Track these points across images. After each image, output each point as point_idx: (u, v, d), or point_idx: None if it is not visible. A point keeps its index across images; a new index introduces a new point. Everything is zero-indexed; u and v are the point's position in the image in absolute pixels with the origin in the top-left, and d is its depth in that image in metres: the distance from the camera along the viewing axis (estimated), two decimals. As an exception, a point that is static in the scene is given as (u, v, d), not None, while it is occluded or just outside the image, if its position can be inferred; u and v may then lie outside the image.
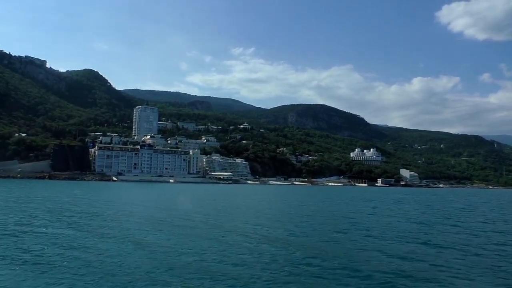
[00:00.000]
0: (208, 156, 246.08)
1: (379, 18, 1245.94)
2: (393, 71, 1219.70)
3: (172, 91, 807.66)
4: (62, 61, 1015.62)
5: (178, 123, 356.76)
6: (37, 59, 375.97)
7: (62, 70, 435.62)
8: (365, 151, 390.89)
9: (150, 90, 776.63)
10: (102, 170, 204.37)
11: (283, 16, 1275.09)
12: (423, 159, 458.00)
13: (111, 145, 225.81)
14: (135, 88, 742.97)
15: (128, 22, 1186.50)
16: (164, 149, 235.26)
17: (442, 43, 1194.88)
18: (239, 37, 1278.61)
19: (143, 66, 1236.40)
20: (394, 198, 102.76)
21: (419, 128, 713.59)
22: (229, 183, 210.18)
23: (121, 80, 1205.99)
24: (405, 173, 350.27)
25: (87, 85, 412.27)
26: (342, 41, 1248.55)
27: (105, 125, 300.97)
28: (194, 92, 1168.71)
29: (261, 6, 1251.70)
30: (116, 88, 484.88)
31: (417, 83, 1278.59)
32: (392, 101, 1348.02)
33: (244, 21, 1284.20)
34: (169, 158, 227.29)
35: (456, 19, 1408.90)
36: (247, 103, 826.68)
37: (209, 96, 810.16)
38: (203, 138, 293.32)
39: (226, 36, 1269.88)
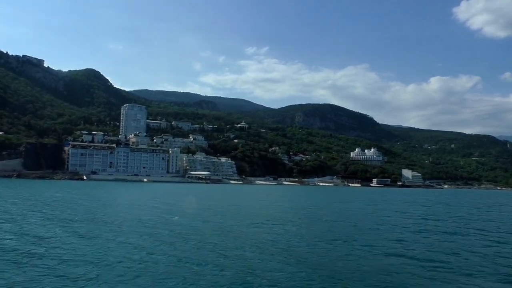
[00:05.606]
0: (189, 155, 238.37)
1: (395, 15, 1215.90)
2: (410, 70, 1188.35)
3: (183, 91, 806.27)
4: (72, 61, 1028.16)
5: (173, 122, 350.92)
6: (35, 58, 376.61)
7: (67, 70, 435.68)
8: (365, 150, 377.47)
9: (161, 91, 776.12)
10: (76, 168, 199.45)
11: (297, 15, 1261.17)
12: (430, 159, 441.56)
13: (87, 143, 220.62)
14: (145, 88, 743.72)
15: (141, 23, 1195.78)
16: (142, 147, 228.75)
17: (460, 41, 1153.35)
18: (253, 37, 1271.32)
19: (157, 67, 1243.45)
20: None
21: (437, 129, 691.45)
22: (207, 183, 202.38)
23: (133, 81, 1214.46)
24: (407, 173, 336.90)
25: (86, 84, 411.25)
26: (357, 40, 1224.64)
27: (95, 124, 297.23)
28: (206, 92, 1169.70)
29: (274, 5, 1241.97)
30: (126, 89, 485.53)
31: (435, 83, 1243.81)
32: (409, 101, 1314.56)
33: (258, 20, 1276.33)
34: (147, 157, 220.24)
35: (475, 15, 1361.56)
36: (259, 103, 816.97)
37: (220, 97, 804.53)
38: (190, 137, 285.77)
39: (239, 35, 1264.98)
